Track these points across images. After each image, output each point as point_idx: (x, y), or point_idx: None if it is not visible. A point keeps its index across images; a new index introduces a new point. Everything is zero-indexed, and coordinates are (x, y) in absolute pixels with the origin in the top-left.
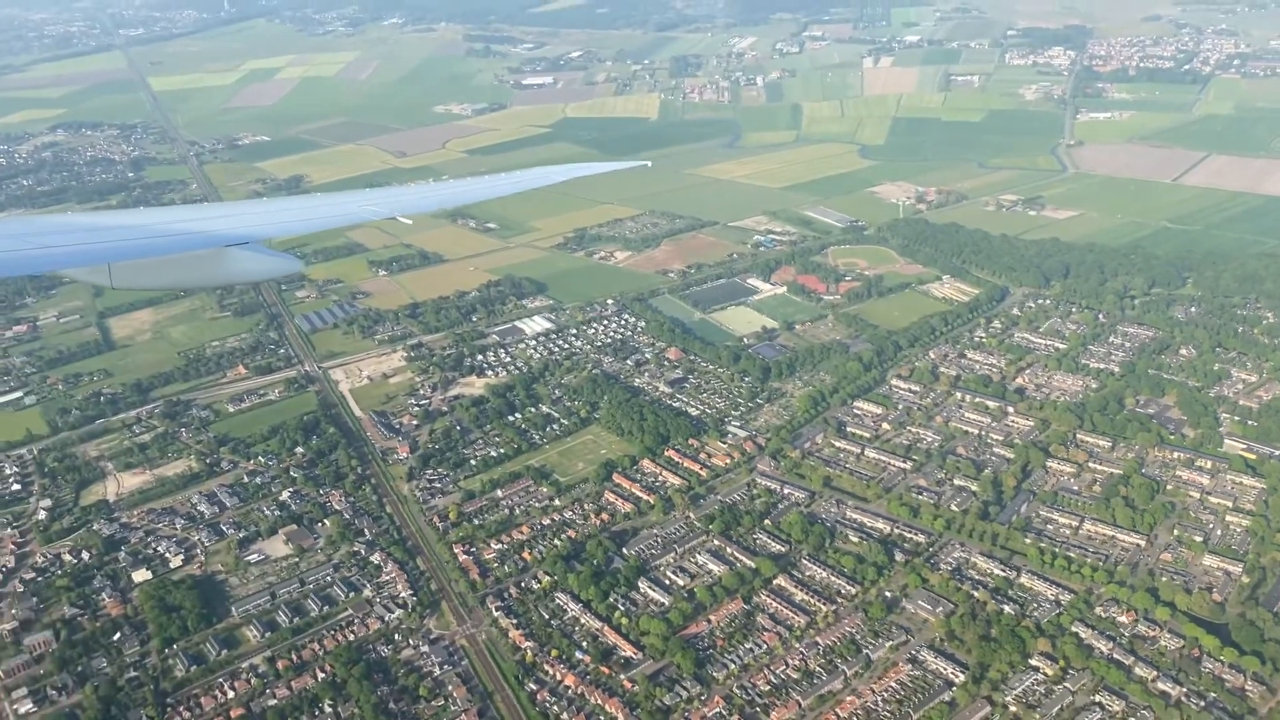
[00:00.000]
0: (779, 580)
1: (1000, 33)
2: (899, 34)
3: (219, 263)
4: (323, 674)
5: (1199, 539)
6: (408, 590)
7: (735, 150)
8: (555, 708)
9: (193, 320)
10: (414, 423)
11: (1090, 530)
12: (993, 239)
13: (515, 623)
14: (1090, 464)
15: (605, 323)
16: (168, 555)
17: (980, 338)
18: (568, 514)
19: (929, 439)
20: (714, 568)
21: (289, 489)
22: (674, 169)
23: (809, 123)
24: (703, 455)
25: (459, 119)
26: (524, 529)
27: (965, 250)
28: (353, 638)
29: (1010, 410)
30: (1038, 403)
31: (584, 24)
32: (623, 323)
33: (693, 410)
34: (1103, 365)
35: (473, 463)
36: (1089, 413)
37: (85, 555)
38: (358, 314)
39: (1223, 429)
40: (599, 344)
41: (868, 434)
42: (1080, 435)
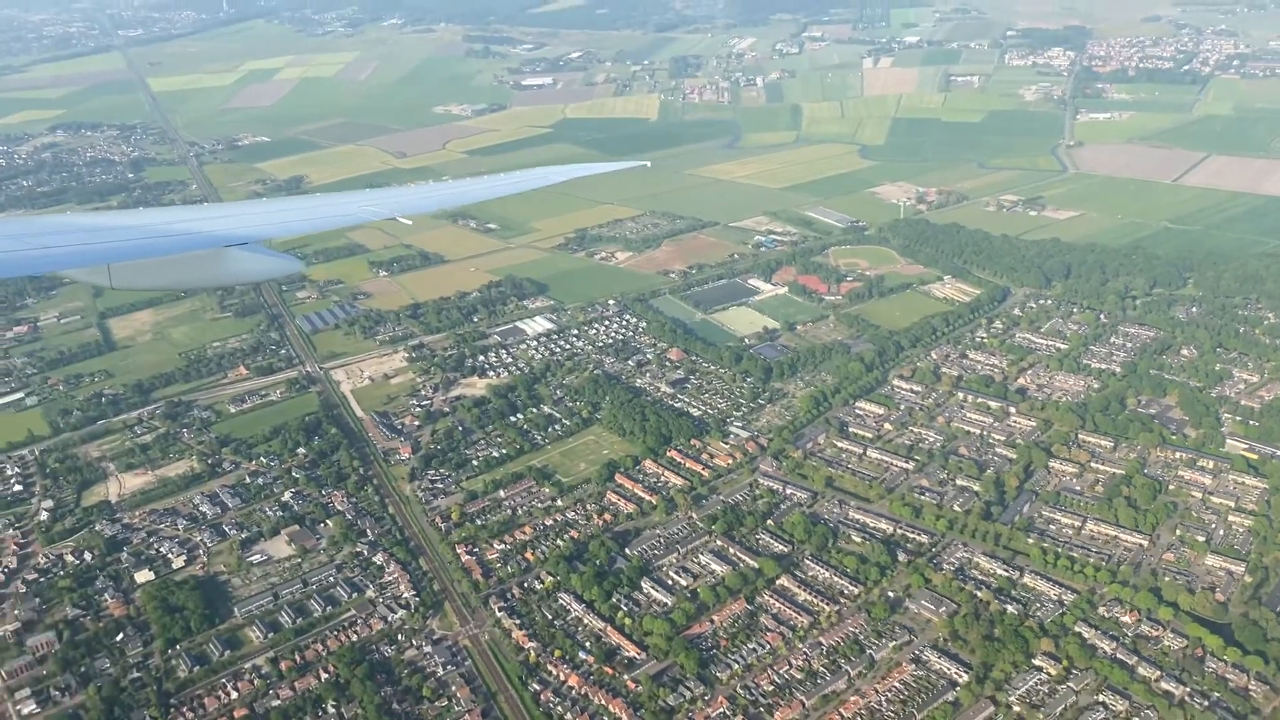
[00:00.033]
0: (782, 580)
1: (999, 33)
2: (898, 35)
3: (219, 263)
4: (326, 675)
5: (1201, 539)
6: (410, 591)
7: (735, 151)
8: (559, 708)
9: (194, 321)
10: (416, 423)
11: (1093, 530)
12: (994, 239)
13: (518, 623)
14: (1092, 464)
15: (606, 323)
16: (170, 556)
17: (982, 338)
18: (570, 514)
19: (931, 439)
20: (717, 568)
21: (291, 489)
22: (674, 169)
23: (809, 123)
24: (705, 455)
25: (459, 120)
26: (526, 529)
27: (966, 250)
28: (356, 638)
29: (1012, 410)
30: (1039, 403)
31: (583, 25)
32: (624, 323)
33: (695, 411)
34: (1104, 365)
35: (475, 463)
36: (1091, 413)
37: (87, 556)
38: (359, 315)
39: (1224, 429)
40: (600, 344)
41: (870, 434)
42: (1082, 435)
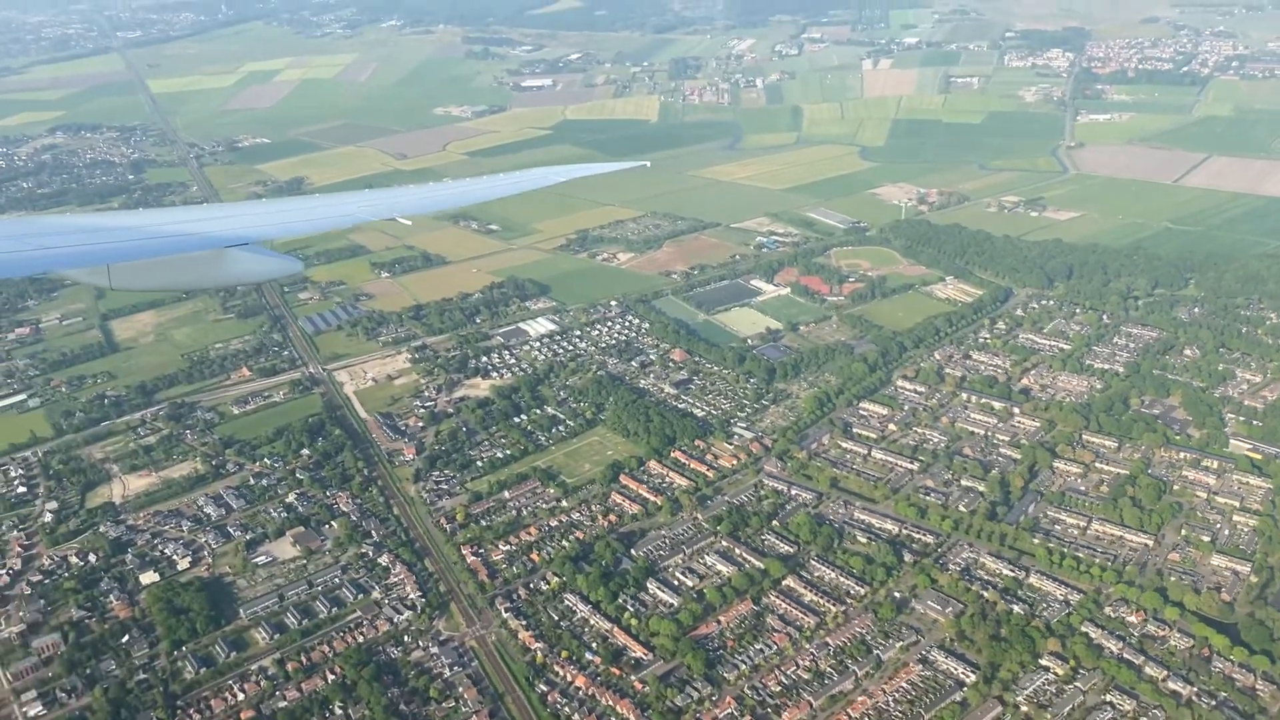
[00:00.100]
0: (788, 581)
1: (999, 34)
2: (897, 36)
3: (218, 264)
4: (332, 676)
5: (1207, 539)
6: (416, 592)
7: (736, 152)
8: (566, 709)
9: (196, 322)
10: (420, 424)
11: (1098, 530)
12: (995, 240)
13: (524, 624)
14: (1097, 464)
15: (609, 324)
16: (175, 557)
17: (985, 339)
18: (575, 515)
19: (935, 440)
20: (723, 568)
21: (295, 491)
22: (675, 170)
23: (809, 124)
24: (709, 456)
25: (459, 121)
26: (532, 530)
27: (968, 251)
28: (362, 639)
29: (1016, 411)
30: (1043, 403)
31: (582, 26)
32: (627, 324)
33: (698, 411)
34: (1107, 366)
35: (479, 464)
36: (1095, 413)
37: (92, 557)
38: (361, 316)
39: (1228, 429)
40: (603, 345)
41: (874, 435)
42: (1086, 435)
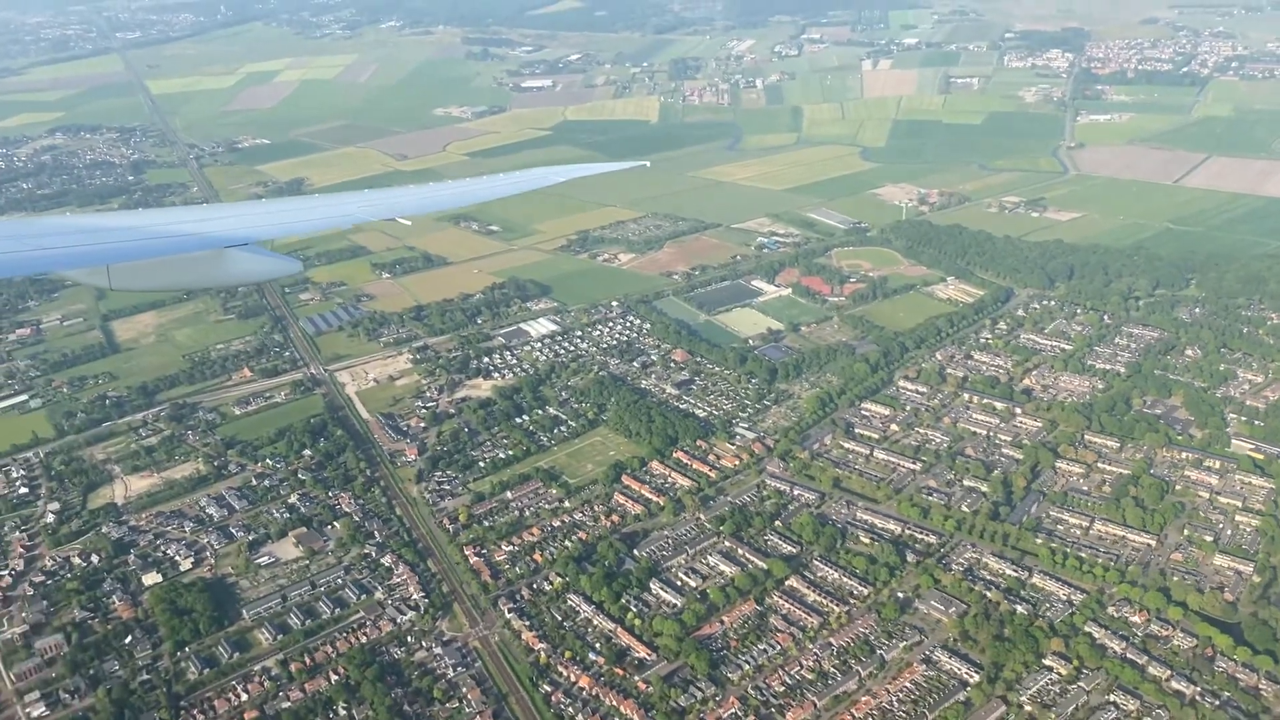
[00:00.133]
0: (791, 581)
1: (998, 35)
2: (897, 37)
3: (217, 264)
4: (336, 676)
5: (1209, 539)
6: (419, 592)
7: (736, 152)
8: (570, 709)
9: (197, 323)
10: (421, 425)
11: (1101, 530)
12: (996, 240)
13: (528, 624)
14: (1099, 464)
15: (610, 325)
16: (177, 558)
17: (986, 339)
18: (578, 515)
19: (937, 440)
20: (725, 569)
21: (298, 491)
22: (676, 171)
23: (809, 125)
24: (711, 457)
25: (459, 122)
26: (534, 531)
27: (969, 252)
28: (365, 640)
29: (1018, 411)
30: (1045, 404)
31: (581, 27)
32: (628, 325)
33: (700, 412)
34: (1109, 366)
35: (481, 465)
36: (1096, 413)
37: (94, 558)
38: (362, 316)
39: (1230, 429)
40: (605, 346)
41: (876, 435)
42: (1088, 436)
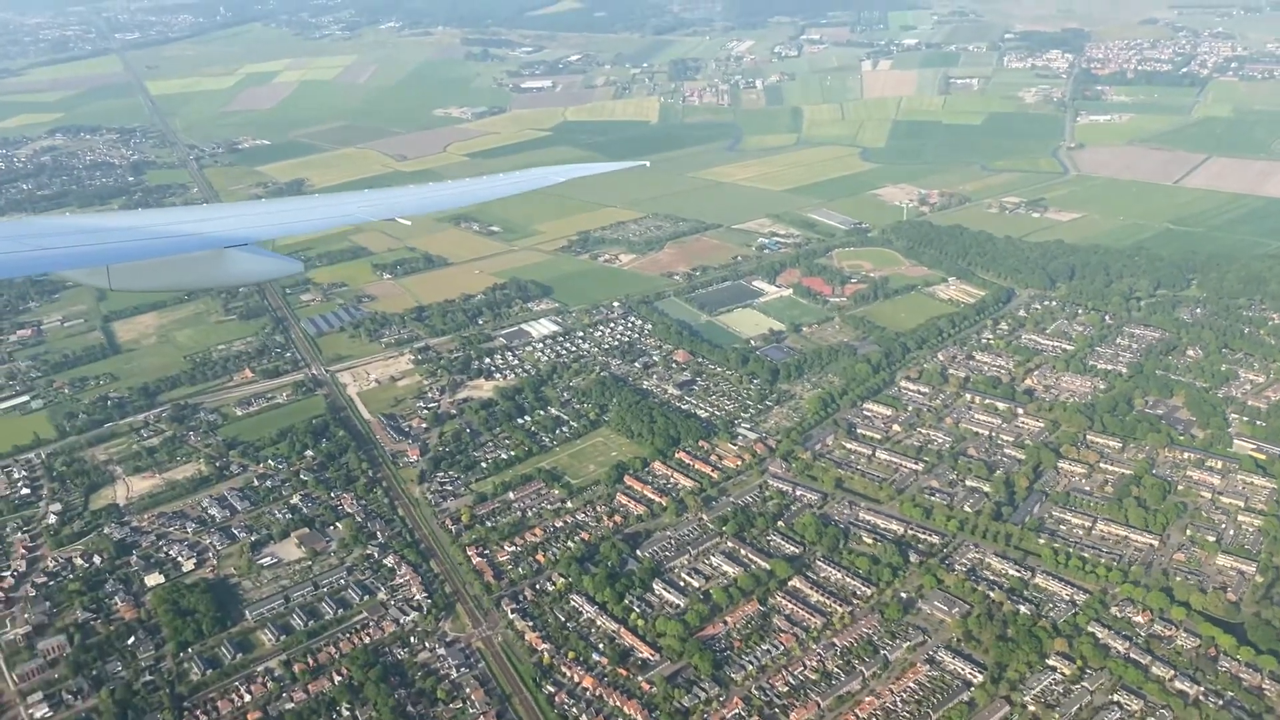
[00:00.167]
0: (794, 582)
1: (998, 36)
2: (896, 37)
3: (217, 264)
4: (339, 677)
5: (1212, 539)
6: (422, 593)
7: (736, 153)
8: (574, 710)
9: (198, 324)
10: (423, 426)
11: (1103, 530)
12: (997, 241)
13: (531, 625)
14: (1101, 464)
15: (612, 325)
16: (180, 559)
17: (988, 339)
18: (580, 516)
19: (940, 440)
20: (728, 569)
21: (300, 492)
22: (676, 172)
23: (809, 126)
24: (713, 457)
25: (459, 122)
26: (537, 531)
27: (970, 252)
28: (368, 641)
29: (1020, 411)
30: (1047, 404)
31: (581, 28)
32: (629, 325)
33: (702, 412)
34: (1110, 366)
35: (483, 465)
36: (1098, 414)
37: (96, 559)
38: (364, 317)
39: (1232, 429)
40: (606, 346)
41: (878, 435)
42: (1090, 436)
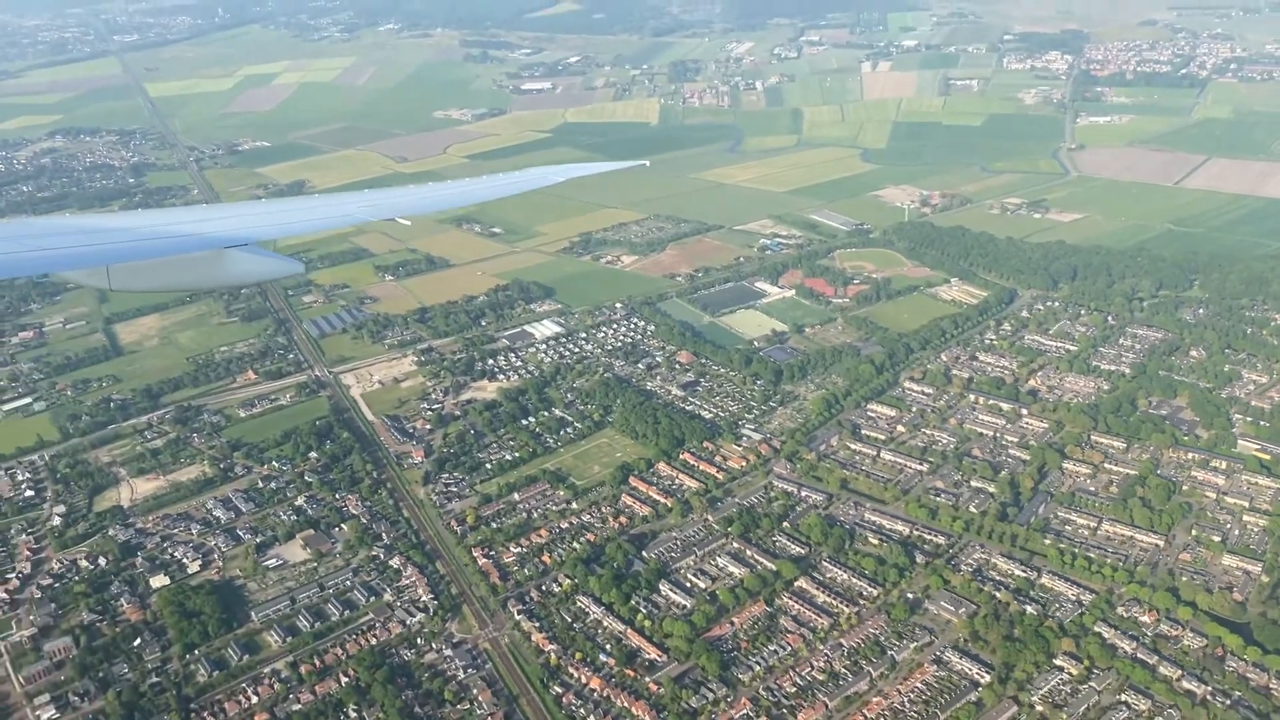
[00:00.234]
0: (800, 582)
1: (997, 37)
2: (896, 39)
3: (218, 264)
4: (346, 678)
5: (1217, 539)
6: (428, 594)
7: (737, 154)
8: (581, 711)
9: (200, 325)
10: (427, 427)
11: (1109, 531)
12: (999, 242)
13: (537, 626)
14: (1106, 465)
15: (615, 326)
16: (185, 560)
17: (991, 340)
18: (585, 517)
19: (944, 441)
20: (734, 570)
21: (304, 494)
22: (677, 173)
23: (810, 127)
24: (718, 458)
25: (459, 124)
26: (542, 532)
27: (972, 253)
28: (375, 642)
29: (1024, 412)
30: (1051, 405)
31: (580, 29)
32: (632, 326)
33: (706, 413)
34: (1114, 367)
35: (488, 466)
36: (1102, 414)
37: (102, 561)
38: (366, 319)
39: (1236, 430)
40: (609, 348)
41: (883, 436)
42: (1094, 436)
